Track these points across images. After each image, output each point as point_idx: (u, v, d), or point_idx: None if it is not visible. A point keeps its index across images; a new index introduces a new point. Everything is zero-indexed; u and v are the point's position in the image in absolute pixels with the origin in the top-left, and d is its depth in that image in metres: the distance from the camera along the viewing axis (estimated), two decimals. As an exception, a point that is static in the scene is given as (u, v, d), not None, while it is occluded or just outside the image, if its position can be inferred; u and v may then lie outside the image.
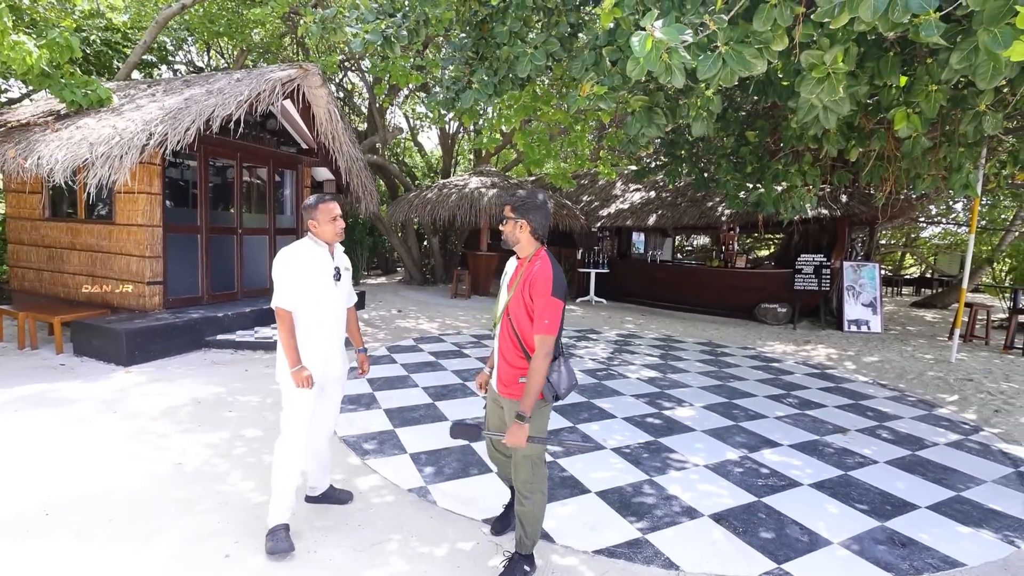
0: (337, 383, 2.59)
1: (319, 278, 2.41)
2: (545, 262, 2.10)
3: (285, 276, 2.34)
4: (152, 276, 6.00)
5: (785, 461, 3.52)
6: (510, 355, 2.15)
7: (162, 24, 8.98)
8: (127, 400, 4.11)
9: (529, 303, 2.05)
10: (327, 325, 2.46)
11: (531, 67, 4.41)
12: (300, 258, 2.38)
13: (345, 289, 2.55)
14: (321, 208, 2.41)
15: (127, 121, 5.14)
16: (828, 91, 3.01)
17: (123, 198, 5.99)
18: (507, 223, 2.16)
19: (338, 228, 2.45)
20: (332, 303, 2.46)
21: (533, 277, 2.05)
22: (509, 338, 2.14)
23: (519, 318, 2.09)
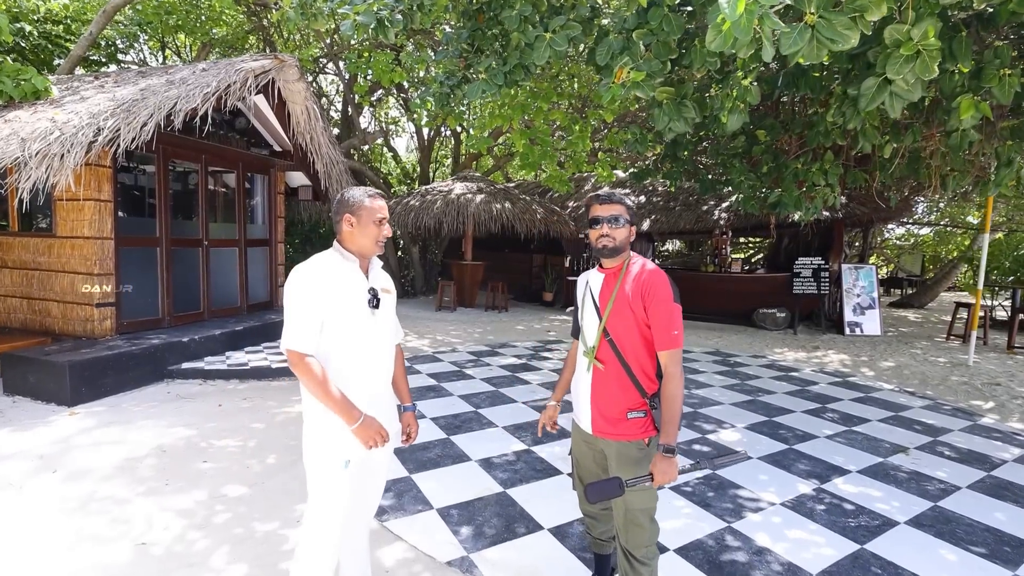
0: (385, 452, 1.89)
1: (351, 306, 1.71)
2: (651, 266, 1.79)
3: (302, 305, 1.63)
4: (102, 297, 5.16)
5: (864, 492, 3.09)
6: (614, 386, 1.77)
7: (111, 14, 8.09)
8: (72, 453, 3.33)
9: (642, 316, 1.72)
10: (369, 371, 1.76)
11: (550, 53, 3.91)
12: (324, 278, 1.67)
13: (387, 320, 1.83)
14: (368, 205, 1.73)
15: (69, 114, 4.36)
16: (921, 69, 2.60)
17: (66, 206, 5.15)
18: (617, 226, 1.76)
19: (383, 236, 1.78)
20: (372, 340, 1.76)
21: (648, 283, 1.72)
22: (613, 365, 1.77)
23: (627, 337, 1.75)
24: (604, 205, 1.79)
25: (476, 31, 4.77)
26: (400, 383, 2.00)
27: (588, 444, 1.90)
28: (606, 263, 1.84)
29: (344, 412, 1.63)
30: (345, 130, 12.24)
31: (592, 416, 1.82)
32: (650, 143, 6.61)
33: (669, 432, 1.65)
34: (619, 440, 1.78)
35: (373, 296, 1.77)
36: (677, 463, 1.62)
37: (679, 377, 1.68)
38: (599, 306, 1.81)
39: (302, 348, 1.63)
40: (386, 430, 1.70)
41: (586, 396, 1.84)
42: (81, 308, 5.20)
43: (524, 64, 4.37)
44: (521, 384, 5.27)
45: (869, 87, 2.98)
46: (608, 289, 1.80)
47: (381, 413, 1.77)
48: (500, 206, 9.76)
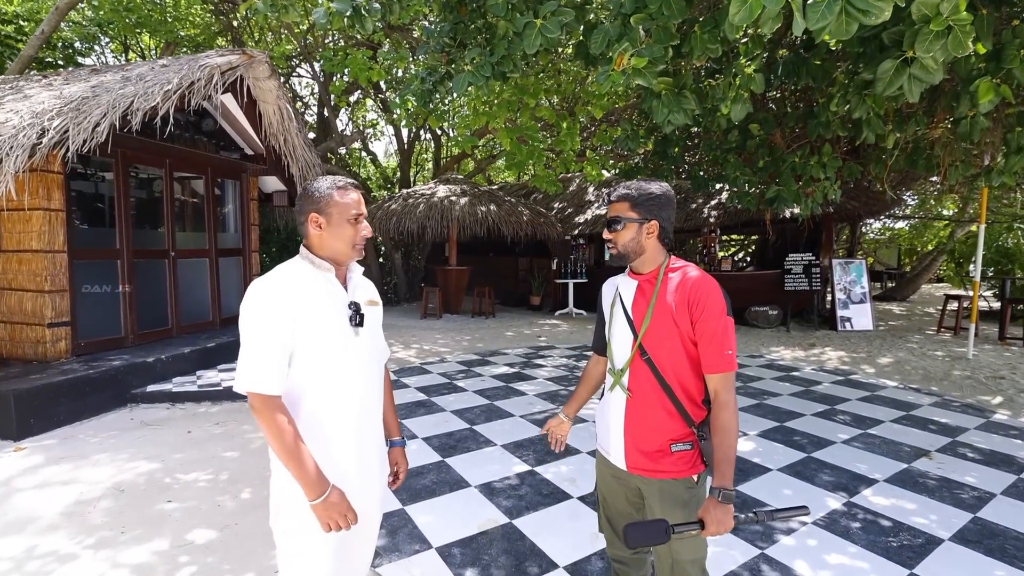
0: (376, 504, 1.54)
1: (328, 327, 1.36)
2: (697, 271, 1.50)
3: (264, 333, 1.28)
4: (55, 316, 4.70)
5: (897, 505, 2.87)
6: (655, 414, 1.48)
7: (64, 11, 7.57)
8: (12, 499, 2.91)
9: (688, 331, 1.43)
10: (354, 408, 1.41)
11: (541, 41, 3.63)
12: (291, 295, 1.32)
13: (373, 340, 1.49)
14: (338, 200, 1.38)
15: (7, 113, 3.92)
16: (954, 45, 2.38)
17: (11, 217, 4.68)
18: (622, 227, 1.49)
19: (361, 235, 1.42)
20: (357, 368, 1.40)
21: (697, 293, 1.43)
22: (652, 389, 1.48)
23: (669, 356, 1.45)
24: (608, 206, 1.55)
25: (458, 24, 4.48)
26: (387, 413, 1.65)
27: (619, 480, 1.59)
28: (634, 268, 1.56)
29: (306, 482, 1.28)
30: (321, 134, 11.81)
31: (626, 450, 1.53)
32: (642, 139, 6.40)
33: (725, 472, 1.35)
34: (662, 478, 1.48)
35: (355, 312, 1.42)
36: (731, 507, 1.33)
37: (733, 405, 1.40)
38: (633, 320, 1.51)
39: (264, 389, 1.27)
40: (354, 511, 1.33)
41: (617, 425, 1.54)
42: (31, 329, 4.73)
43: (512, 55, 4.09)
44: (516, 395, 4.96)
45: (886, 70, 2.77)
46: (643, 299, 1.52)
47: (371, 461, 1.46)
48: (485, 208, 9.47)
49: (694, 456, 1.48)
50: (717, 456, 1.38)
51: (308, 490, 1.28)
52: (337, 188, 1.40)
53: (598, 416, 1.68)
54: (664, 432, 1.47)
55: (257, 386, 1.27)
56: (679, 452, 1.47)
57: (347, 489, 1.36)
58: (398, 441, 1.69)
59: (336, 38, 8.95)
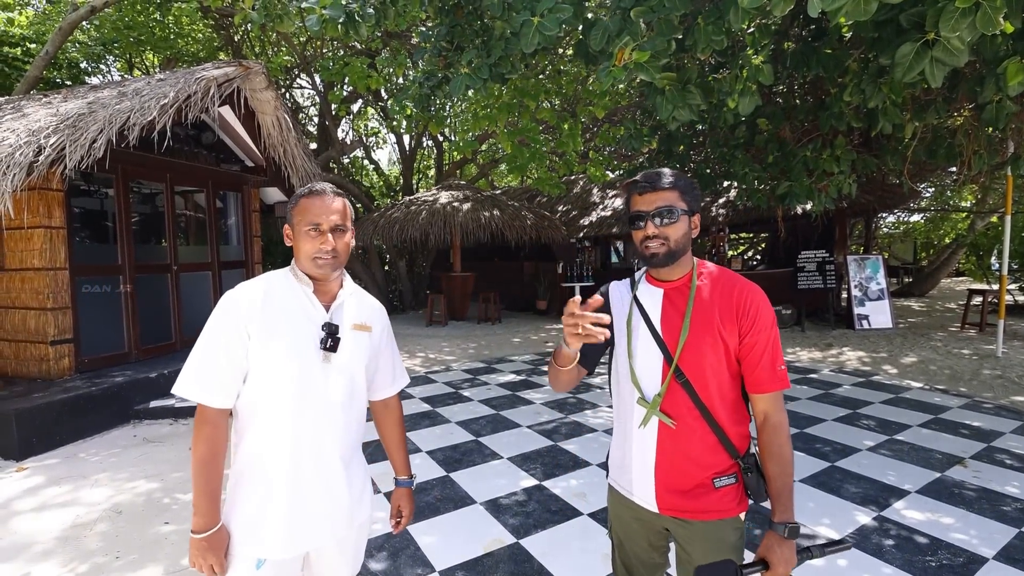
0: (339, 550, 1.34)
1: (289, 346, 1.22)
2: (733, 274, 1.30)
3: (214, 339, 1.21)
4: (58, 333, 4.66)
5: (933, 520, 2.69)
6: (693, 446, 1.25)
7: (68, 31, 7.62)
8: (10, 523, 2.83)
9: (734, 346, 1.23)
10: (304, 444, 1.24)
11: (539, 39, 3.52)
12: (255, 306, 1.22)
13: (349, 367, 1.30)
14: (299, 206, 1.27)
15: (4, 132, 3.89)
16: (983, 23, 2.23)
17: (13, 236, 4.66)
18: (671, 220, 1.22)
19: (321, 247, 1.25)
20: (316, 398, 1.24)
21: (747, 302, 1.23)
22: (690, 417, 1.24)
23: (711, 377, 1.23)
24: (646, 194, 1.25)
25: (455, 27, 4.39)
26: (393, 449, 1.53)
27: (642, 523, 1.35)
28: (661, 273, 1.31)
29: (195, 509, 1.18)
30: (322, 144, 11.81)
31: (657, 489, 1.28)
32: (645, 138, 6.26)
33: (787, 504, 1.18)
34: (705, 519, 1.25)
35: (329, 334, 1.25)
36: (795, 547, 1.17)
37: (787, 427, 1.22)
38: (662, 336, 1.27)
39: (194, 396, 1.18)
40: (222, 564, 1.19)
41: (646, 462, 1.29)
42: (35, 347, 4.69)
43: (510, 55, 3.99)
44: (524, 404, 4.83)
45: (905, 54, 2.62)
46: (675, 310, 1.27)
47: (321, 505, 1.26)
48: (488, 214, 9.37)
49: (739, 491, 1.27)
50: (776, 486, 1.20)
51: (193, 518, 1.19)
52: (303, 196, 1.28)
53: (617, 452, 1.40)
54: (705, 466, 1.25)
55: (187, 392, 1.19)
56: (724, 487, 1.25)
57: (272, 544, 1.20)
58: (403, 481, 1.52)
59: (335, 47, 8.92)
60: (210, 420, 1.21)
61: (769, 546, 1.16)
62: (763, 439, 1.24)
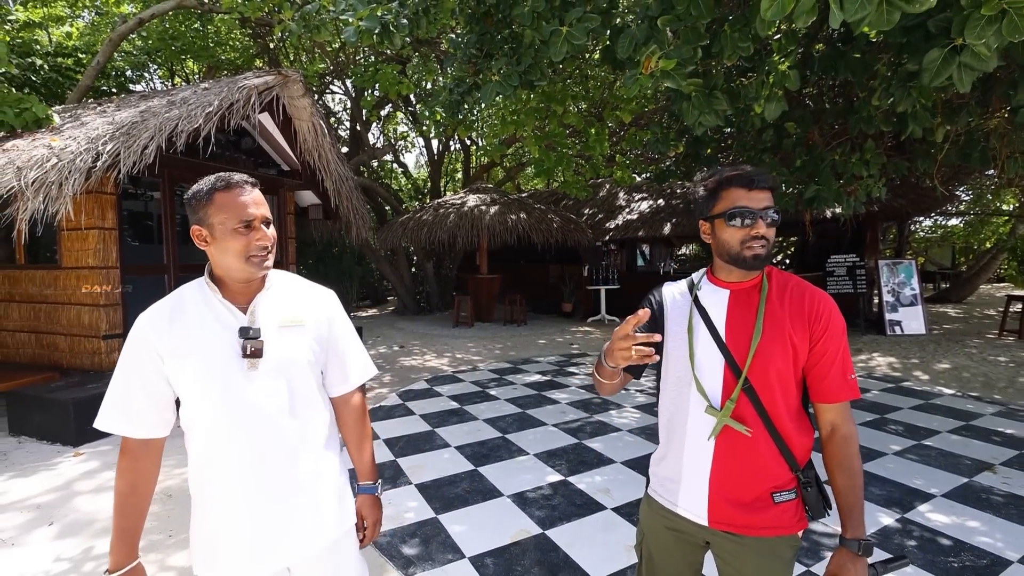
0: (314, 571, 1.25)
1: (206, 362, 1.13)
2: (805, 282, 1.25)
3: (121, 369, 1.14)
4: (109, 328, 4.96)
5: (958, 523, 2.68)
6: (754, 457, 1.19)
7: (116, 42, 8.06)
8: (71, 502, 3.07)
9: (804, 354, 1.18)
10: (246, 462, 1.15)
11: (568, 48, 3.62)
12: (159, 328, 1.14)
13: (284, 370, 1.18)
14: (218, 202, 1.13)
15: (67, 140, 4.19)
16: (1009, 30, 2.24)
17: (70, 236, 4.98)
18: (778, 221, 1.20)
19: (258, 243, 1.15)
20: (245, 413, 1.14)
21: (816, 308, 1.19)
22: (754, 425, 1.19)
23: (778, 386, 1.18)
24: (755, 191, 1.17)
25: (485, 35, 4.53)
26: (352, 450, 1.37)
27: (681, 537, 1.30)
28: (730, 276, 1.25)
29: (112, 545, 1.13)
30: (354, 148, 12.13)
31: (711, 500, 1.22)
32: (672, 142, 6.29)
33: (860, 520, 1.15)
34: (762, 535, 1.19)
35: (248, 339, 1.14)
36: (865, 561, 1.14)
37: (856, 438, 1.19)
38: (727, 341, 1.21)
39: (117, 429, 1.13)
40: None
41: (701, 471, 1.23)
42: (88, 341, 5.01)
43: (539, 63, 4.10)
44: (549, 404, 4.92)
45: (933, 60, 2.64)
46: (743, 313, 1.22)
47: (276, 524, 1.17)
48: (515, 217, 9.49)
49: (798, 507, 1.22)
50: (848, 501, 1.16)
51: (110, 555, 1.13)
52: (217, 190, 1.14)
53: (663, 460, 1.34)
54: (765, 479, 1.20)
55: (104, 425, 1.14)
56: (783, 503, 1.20)
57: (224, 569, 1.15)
58: (364, 487, 1.37)
59: (367, 54, 9.20)
60: (130, 452, 1.14)
61: (842, 563, 1.13)
62: (831, 451, 1.19)
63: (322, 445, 1.25)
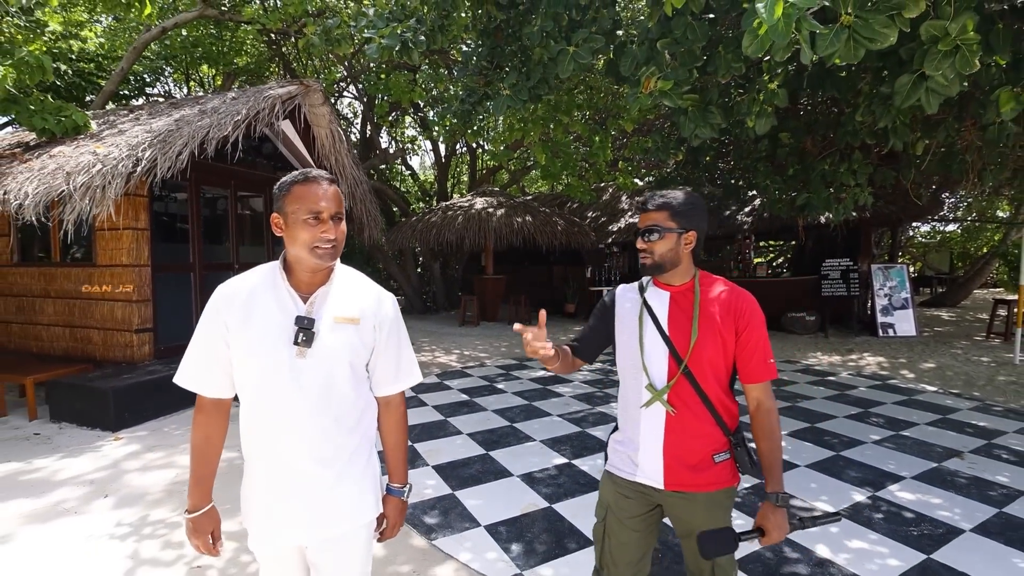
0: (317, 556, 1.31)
1: (261, 341, 1.22)
2: (729, 284, 1.52)
3: (197, 332, 1.28)
4: (141, 323, 5.29)
5: (922, 500, 2.99)
6: (697, 428, 1.46)
7: (140, 50, 8.40)
8: (121, 478, 3.39)
9: (731, 345, 1.44)
10: (270, 435, 1.25)
11: (574, 66, 3.92)
12: (234, 300, 1.24)
13: (329, 363, 1.25)
14: (294, 193, 1.21)
15: (109, 147, 4.52)
16: (961, 64, 2.55)
17: (105, 236, 5.31)
18: (661, 237, 1.44)
19: (322, 235, 1.21)
20: (287, 393, 1.22)
21: (741, 307, 1.45)
22: (693, 403, 1.45)
23: (711, 370, 1.44)
24: (641, 214, 1.49)
25: (495, 48, 4.84)
26: (388, 451, 1.44)
27: (641, 501, 1.52)
28: (663, 279, 1.52)
29: (190, 489, 1.28)
30: (363, 150, 12.46)
31: (666, 466, 1.46)
32: (672, 150, 6.60)
33: (778, 476, 1.39)
34: (708, 491, 1.46)
35: (302, 328, 1.21)
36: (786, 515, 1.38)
37: (776, 410, 1.45)
38: (670, 334, 1.47)
39: (183, 383, 1.28)
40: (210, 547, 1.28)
41: (655, 443, 1.47)
42: (121, 334, 5.33)
43: (547, 78, 4.40)
44: (554, 396, 5.23)
45: (903, 84, 2.94)
46: (681, 312, 1.48)
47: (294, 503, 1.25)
48: (521, 220, 9.81)
49: (733, 465, 1.49)
50: (769, 461, 1.40)
51: (188, 498, 1.28)
52: (298, 181, 1.22)
53: (625, 436, 1.56)
54: (706, 445, 1.46)
55: (180, 381, 1.28)
56: (721, 462, 1.46)
57: (253, 534, 1.28)
58: (394, 489, 1.42)
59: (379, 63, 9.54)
60: (203, 408, 1.29)
61: (764, 514, 1.36)
62: (757, 422, 1.44)
63: (349, 439, 1.30)
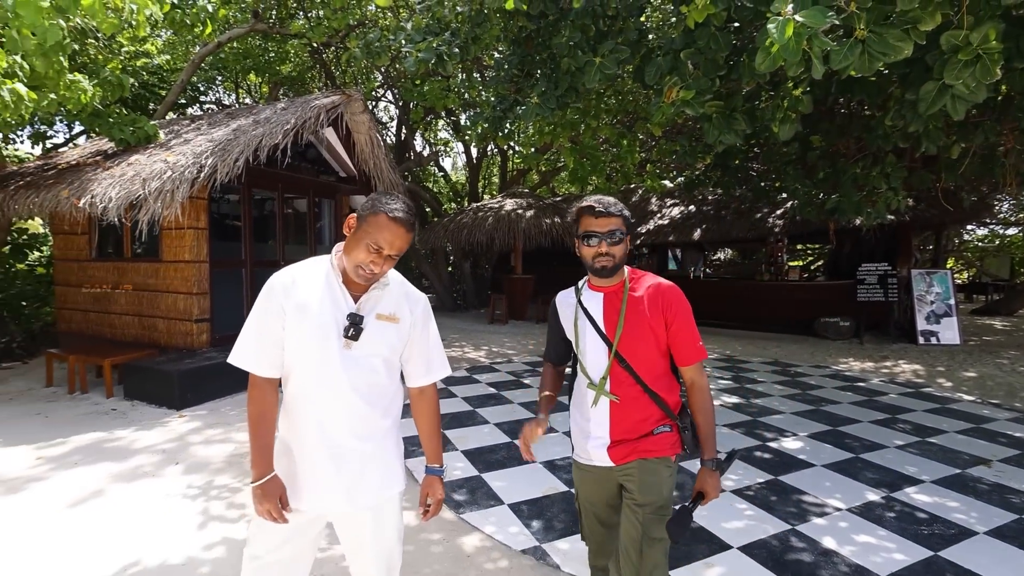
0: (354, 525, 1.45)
1: (314, 330, 1.35)
2: (654, 277, 1.66)
3: (254, 314, 1.39)
4: (199, 313, 5.78)
5: (939, 502, 3.03)
6: (638, 411, 1.59)
7: (198, 63, 9.05)
8: (188, 449, 3.80)
9: (662, 334, 1.58)
10: (323, 418, 1.37)
11: (600, 76, 4.10)
12: (292, 288, 1.37)
13: (370, 357, 1.40)
14: (378, 220, 1.32)
15: (177, 155, 4.99)
16: (981, 73, 2.60)
17: (170, 235, 5.83)
18: (615, 241, 1.56)
19: (371, 265, 1.33)
20: (334, 380, 1.35)
21: (669, 299, 1.59)
22: (633, 390, 1.58)
23: (645, 358, 1.58)
24: (600, 218, 1.56)
25: (526, 57, 5.05)
26: (425, 437, 1.58)
27: (601, 484, 1.67)
28: (601, 281, 1.64)
29: (252, 461, 1.37)
30: (399, 152, 12.92)
31: (611, 447, 1.60)
32: (699, 154, 6.65)
33: (712, 445, 1.57)
34: (644, 457, 1.58)
35: (352, 324, 1.35)
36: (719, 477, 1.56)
37: (708, 387, 1.62)
38: (604, 330, 1.60)
39: (238, 363, 1.39)
40: (280, 512, 1.33)
41: (602, 430, 1.61)
42: (182, 323, 5.84)
43: (575, 86, 4.57)
44: (578, 393, 5.41)
45: (928, 91, 2.98)
46: (614, 309, 1.61)
47: (326, 476, 1.38)
48: (550, 221, 10.00)
49: (674, 438, 1.61)
50: (704, 432, 1.58)
51: (253, 469, 1.36)
52: (384, 213, 1.32)
53: (575, 426, 1.72)
54: (648, 423, 1.60)
55: (236, 360, 1.39)
56: (661, 433, 1.59)
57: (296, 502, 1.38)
58: (432, 469, 1.56)
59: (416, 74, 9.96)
60: (257, 385, 1.38)
61: (703, 480, 1.54)
62: (693, 399, 1.60)
63: (383, 421, 1.44)
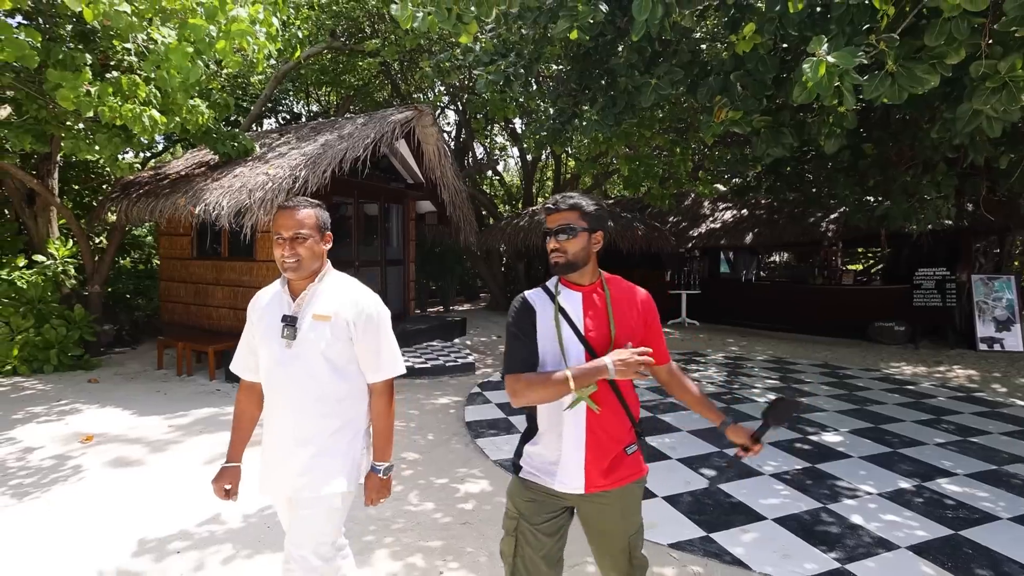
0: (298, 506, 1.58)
1: (264, 335, 1.59)
2: (626, 281, 1.62)
3: (244, 330, 1.71)
4: (288, 307, 6.57)
5: (969, 492, 3.27)
6: (612, 423, 1.48)
7: (280, 78, 9.99)
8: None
9: (641, 334, 1.54)
10: (273, 412, 1.59)
11: (655, 97, 4.45)
12: (255, 303, 1.67)
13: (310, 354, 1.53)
14: (274, 219, 1.56)
15: (277, 168, 5.75)
16: (1008, 100, 2.86)
17: (263, 237, 6.65)
18: (574, 235, 1.45)
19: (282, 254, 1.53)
20: (278, 377, 1.55)
21: (645, 300, 1.58)
22: (608, 399, 1.47)
23: None
24: (551, 215, 1.50)
25: (584, 72, 5.47)
26: (375, 433, 1.66)
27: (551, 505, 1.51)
28: (575, 278, 1.52)
29: (229, 446, 1.70)
30: (459, 156, 13.62)
31: (587, 471, 1.44)
32: (750, 162, 6.87)
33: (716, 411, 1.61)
34: (623, 484, 1.49)
35: (286, 325, 1.53)
36: None
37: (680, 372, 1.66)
38: (586, 333, 1.47)
39: (233, 368, 1.72)
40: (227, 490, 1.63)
41: (577, 447, 1.44)
42: (273, 316, 6.65)
43: (632, 104, 4.95)
44: (627, 387, 5.80)
45: (964, 111, 3.22)
46: (596, 310, 1.49)
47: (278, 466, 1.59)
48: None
49: (640, 455, 1.55)
50: (702, 407, 1.62)
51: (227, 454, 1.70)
52: (277, 210, 1.57)
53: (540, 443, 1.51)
54: (620, 439, 1.49)
55: (231, 367, 1.75)
56: (632, 454, 1.51)
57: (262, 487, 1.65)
58: (375, 467, 1.62)
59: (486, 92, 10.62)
60: (243, 388, 1.70)
61: (736, 435, 1.56)
62: (673, 384, 1.63)
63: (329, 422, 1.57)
